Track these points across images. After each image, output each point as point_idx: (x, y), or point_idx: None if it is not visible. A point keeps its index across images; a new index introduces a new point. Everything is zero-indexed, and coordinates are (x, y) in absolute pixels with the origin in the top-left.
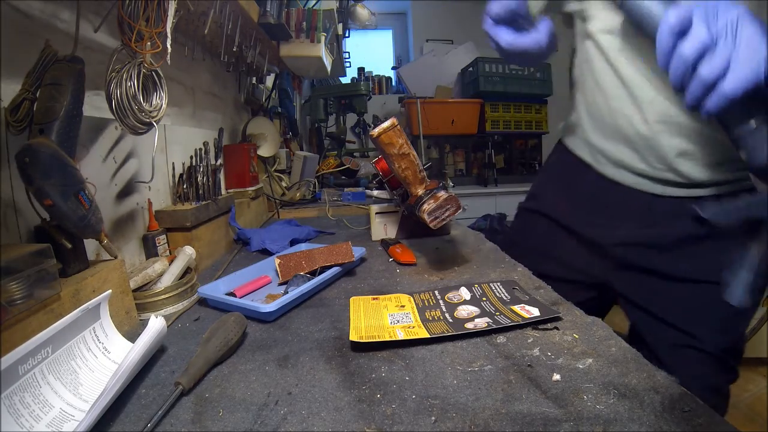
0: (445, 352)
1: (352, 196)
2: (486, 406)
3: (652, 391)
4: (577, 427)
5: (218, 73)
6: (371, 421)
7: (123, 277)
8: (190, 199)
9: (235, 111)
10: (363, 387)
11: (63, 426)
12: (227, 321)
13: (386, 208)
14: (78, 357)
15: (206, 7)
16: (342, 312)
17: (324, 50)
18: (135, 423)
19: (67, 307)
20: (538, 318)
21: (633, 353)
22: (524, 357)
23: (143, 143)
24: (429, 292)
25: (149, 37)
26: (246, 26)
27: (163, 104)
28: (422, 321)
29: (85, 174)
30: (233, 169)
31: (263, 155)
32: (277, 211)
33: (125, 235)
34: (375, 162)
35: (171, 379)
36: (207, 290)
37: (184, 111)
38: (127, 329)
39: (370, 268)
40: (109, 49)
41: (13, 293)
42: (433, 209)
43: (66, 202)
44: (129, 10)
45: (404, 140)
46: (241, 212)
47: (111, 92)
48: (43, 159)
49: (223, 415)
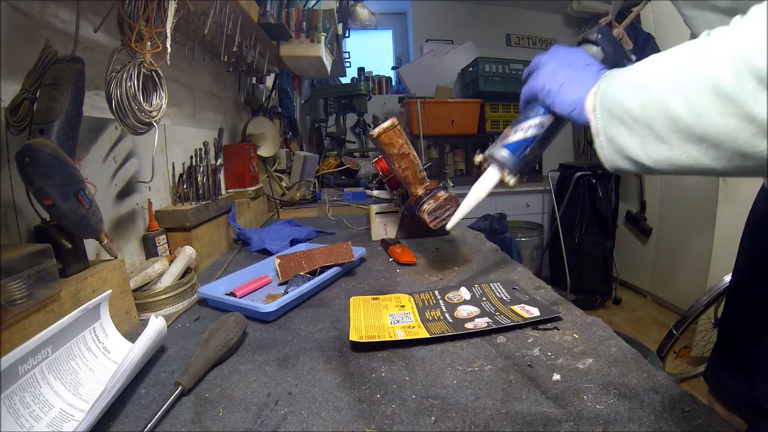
0: (445, 352)
1: (352, 196)
2: (486, 406)
3: (652, 391)
4: (577, 427)
5: (218, 73)
6: (371, 421)
7: (123, 277)
8: (190, 199)
9: (235, 111)
10: (363, 387)
11: (63, 426)
12: (227, 321)
13: (386, 208)
14: (78, 357)
15: (206, 7)
16: (342, 312)
17: (324, 50)
18: (135, 423)
19: (67, 307)
20: (539, 318)
21: (633, 353)
22: (524, 357)
23: (143, 143)
24: (429, 292)
25: (149, 37)
26: (246, 26)
27: (163, 104)
28: (422, 321)
29: (85, 174)
30: (233, 169)
31: (263, 155)
32: (277, 211)
33: (125, 235)
34: (375, 162)
35: (171, 379)
36: (207, 290)
37: (184, 111)
38: (127, 329)
39: (370, 268)
40: (109, 49)
41: (13, 293)
42: (433, 209)
43: (66, 202)
44: (129, 10)
45: (404, 140)
46: (241, 212)
47: (111, 92)
48: (43, 159)
49: (223, 415)
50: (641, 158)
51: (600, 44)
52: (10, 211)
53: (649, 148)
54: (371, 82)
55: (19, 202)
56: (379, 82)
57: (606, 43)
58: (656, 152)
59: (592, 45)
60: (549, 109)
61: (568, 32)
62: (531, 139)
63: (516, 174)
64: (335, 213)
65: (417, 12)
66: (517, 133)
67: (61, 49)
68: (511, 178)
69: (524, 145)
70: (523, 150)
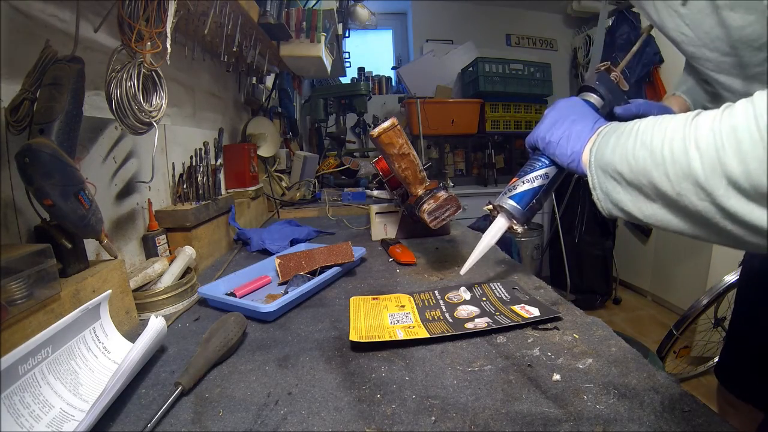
0: (445, 352)
1: (352, 196)
2: (486, 406)
3: (652, 391)
4: (577, 427)
5: (218, 73)
6: (371, 421)
7: (123, 277)
8: (190, 199)
9: (235, 111)
10: (363, 387)
11: (63, 426)
12: (227, 321)
13: (386, 208)
14: (78, 357)
15: (206, 7)
16: (342, 312)
17: (324, 50)
18: (135, 423)
19: (67, 307)
20: (539, 318)
21: (633, 353)
22: (524, 357)
23: (143, 143)
24: (429, 292)
25: (149, 37)
26: (246, 26)
27: (163, 104)
28: (422, 321)
29: (85, 174)
30: (233, 169)
31: (263, 155)
32: (277, 211)
33: (125, 235)
34: (375, 162)
35: (171, 379)
36: (207, 290)
37: (184, 111)
38: (127, 329)
39: (370, 268)
40: (109, 49)
41: (13, 293)
42: (433, 209)
43: (66, 202)
44: (129, 10)
45: (404, 140)
46: (241, 212)
47: (111, 92)
48: (43, 159)
49: (223, 415)
50: (634, 212)
51: (599, 91)
52: (10, 211)
53: (640, 206)
54: (371, 82)
55: (19, 202)
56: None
57: (604, 89)
58: (647, 209)
59: (591, 93)
60: (551, 159)
61: (568, 32)
62: (537, 189)
63: (523, 223)
64: (335, 213)
65: (417, 12)
66: (524, 184)
67: (61, 49)
68: (519, 227)
69: (531, 195)
70: (530, 200)
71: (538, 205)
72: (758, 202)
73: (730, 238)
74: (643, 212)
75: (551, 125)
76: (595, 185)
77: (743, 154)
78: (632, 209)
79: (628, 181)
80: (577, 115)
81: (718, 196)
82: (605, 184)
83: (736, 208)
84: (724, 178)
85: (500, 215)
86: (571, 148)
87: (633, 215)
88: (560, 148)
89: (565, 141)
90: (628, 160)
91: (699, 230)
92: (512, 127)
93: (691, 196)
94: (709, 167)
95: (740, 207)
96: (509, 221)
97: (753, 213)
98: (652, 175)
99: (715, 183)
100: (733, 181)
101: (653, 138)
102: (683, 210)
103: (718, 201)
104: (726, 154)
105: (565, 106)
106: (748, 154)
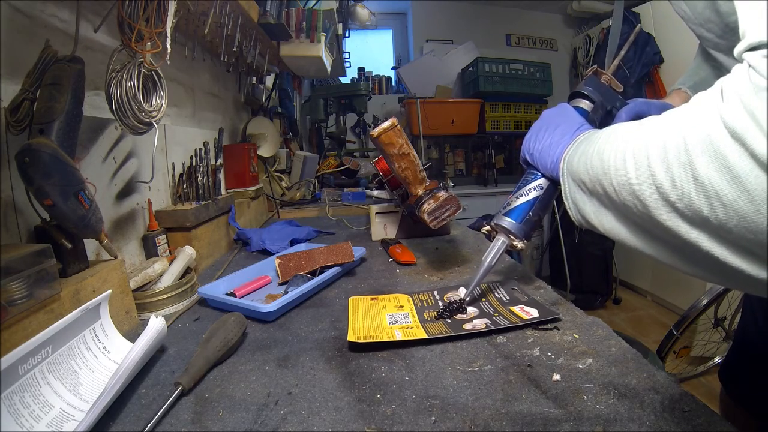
0: (445, 352)
1: (352, 196)
2: (486, 406)
3: (652, 391)
4: (577, 427)
5: (218, 73)
6: (371, 421)
7: (123, 277)
8: (190, 199)
9: (235, 111)
10: (363, 387)
11: (63, 426)
12: (227, 321)
13: (386, 208)
14: (78, 357)
15: (206, 7)
16: (342, 312)
17: (324, 50)
18: (135, 423)
19: (67, 307)
20: (537, 319)
21: (633, 353)
22: (524, 357)
23: (143, 143)
24: (428, 293)
25: (149, 37)
26: (246, 26)
27: (163, 104)
28: (421, 322)
29: (85, 174)
30: (233, 169)
31: (263, 155)
32: (277, 211)
33: (125, 235)
34: (375, 162)
35: (171, 379)
36: (207, 290)
37: (184, 111)
38: (127, 329)
39: (370, 268)
40: (109, 49)
41: (13, 293)
42: (433, 209)
43: (66, 202)
44: (129, 10)
45: (404, 140)
46: (241, 212)
47: (111, 92)
48: (43, 159)
49: (223, 415)
50: (596, 224)
51: (589, 95)
52: (10, 211)
53: (600, 218)
54: (371, 82)
55: (19, 202)
56: (379, 82)
57: (594, 92)
58: (606, 222)
59: (580, 98)
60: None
61: (568, 32)
62: (533, 201)
63: (523, 238)
64: (335, 213)
65: (417, 12)
66: (519, 199)
67: (61, 49)
68: (519, 242)
69: (527, 209)
70: (526, 214)
71: (536, 217)
72: (687, 219)
73: (676, 261)
74: (603, 224)
75: (535, 135)
76: (567, 194)
77: (668, 162)
78: (593, 220)
79: (589, 190)
80: (560, 123)
81: (651, 209)
82: (575, 194)
83: (668, 223)
84: (654, 187)
85: (499, 234)
86: (551, 157)
87: (596, 228)
88: (541, 158)
89: (546, 150)
90: (587, 169)
91: (650, 249)
92: (512, 127)
93: (632, 207)
94: (642, 175)
95: (671, 222)
96: (509, 239)
97: (688, 232)
98: (603, 184)
99: (646, 193)
100: (661, 191)
101: (606, 145)
102: (634, 224)
103: (652, 214)
104: (653, 161)
105: (549, 115)
106: (672, 161)
